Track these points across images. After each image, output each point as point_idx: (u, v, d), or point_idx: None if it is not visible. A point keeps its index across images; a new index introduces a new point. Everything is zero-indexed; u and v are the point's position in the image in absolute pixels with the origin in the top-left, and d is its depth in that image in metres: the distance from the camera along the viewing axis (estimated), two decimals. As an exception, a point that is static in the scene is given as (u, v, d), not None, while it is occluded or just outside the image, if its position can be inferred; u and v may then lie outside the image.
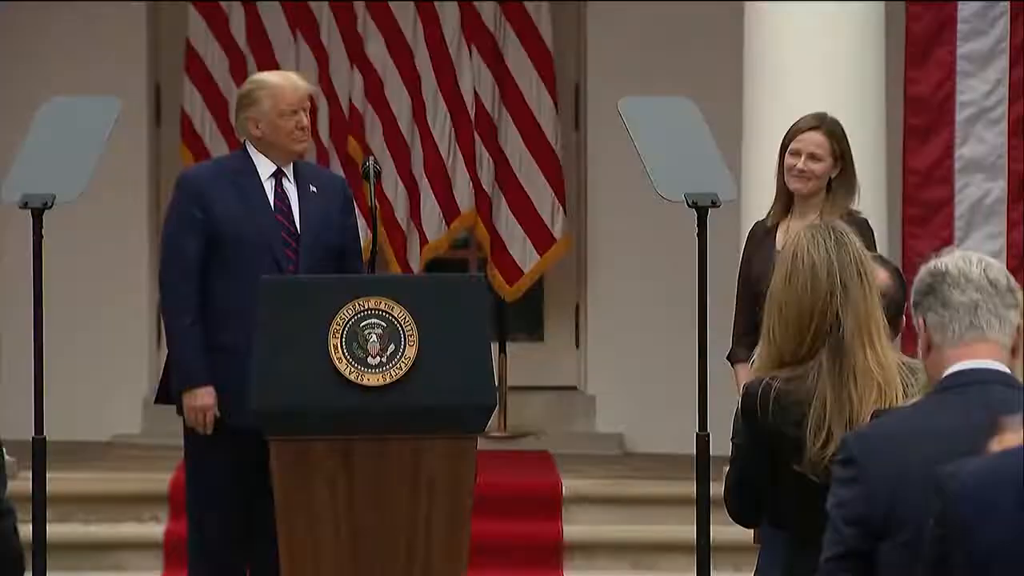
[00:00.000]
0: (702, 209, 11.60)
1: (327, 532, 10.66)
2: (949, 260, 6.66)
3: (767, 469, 7.50)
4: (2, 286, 12.58)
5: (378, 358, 10.64)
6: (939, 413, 6.48)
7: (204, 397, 11.40)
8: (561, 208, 16.04)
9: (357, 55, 16.07)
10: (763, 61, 13.58)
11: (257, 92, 11.76)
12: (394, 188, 15.88)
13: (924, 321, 6.56)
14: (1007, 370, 6.51)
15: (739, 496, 8.06)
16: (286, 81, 11.90)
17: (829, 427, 7.22)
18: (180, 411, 11.60)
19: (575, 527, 14.26)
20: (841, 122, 11.57)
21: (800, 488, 7.23)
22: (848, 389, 7.16)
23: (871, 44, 13.65)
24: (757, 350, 7.71)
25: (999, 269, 6.64)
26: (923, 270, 6.67)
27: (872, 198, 12.01)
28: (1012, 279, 6.71)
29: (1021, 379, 6.62)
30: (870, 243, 10.74)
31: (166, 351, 12.14)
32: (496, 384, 11.47)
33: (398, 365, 10.63)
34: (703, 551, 11.56)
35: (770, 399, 7.40)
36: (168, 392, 11.78)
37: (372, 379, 10.63)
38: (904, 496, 6.44)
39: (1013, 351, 6.55)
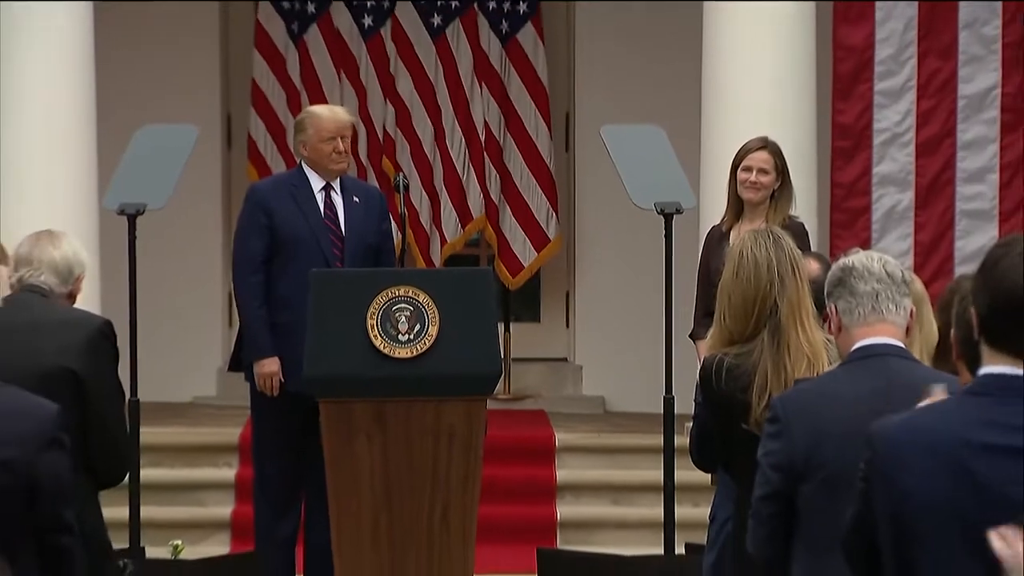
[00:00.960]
0: (668, 215, 11.67)
1: (365, 476, 10.61)
2: (855, 258, 6.79)
3: (721, 427, 7.46)
4: (105, 279, 12.40)
5: (406, 335, 10.61)
6: (848, 380, 6.57)
7: (271, 365, 11.39)
8: (554, 214, 15.99)
9: (389, 91, 16.03)
10: (719, 96, 13.54)
11: (306, 121, 11.78)
12: (419, 198, 15.84)
13: (835, 307, 6.69)
14: (902, 345, 6.62)
15: (699, 447, 8.05)
16: (329, 113, 11.92)
17: (770, 392, 7.20)
18: (247, 377, 11.59)
19: (565, 471, 14.21)
20: (781, 145, 11.55)
21: (748, 441, 7.19)
22: (784, 361, 7.17)
23: (806, 82, 13.63)
24: (710, 331, 7.68)
25: (895, 265, 6.77)
26: (834, 266, 6.85)
27: (806, 206, 11.97)
28: (907, 273, 6.85)
29: (916, 353, 6.81)
30: (805, 243, 10.77)
31: (237, 329, 12.12)
32: (501, 356, 11.34)
33: (423, 341, 10.60)
34: (669, 490, 11.55)
35: (723, 370, 7.39)
36: (239, 362, 11.79)
37: (402, 352, 10.60)
38: (820, 447, 6.50)
39: (907, 330, 6.67)
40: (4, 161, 13.38)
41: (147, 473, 11.76)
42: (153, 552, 11.25)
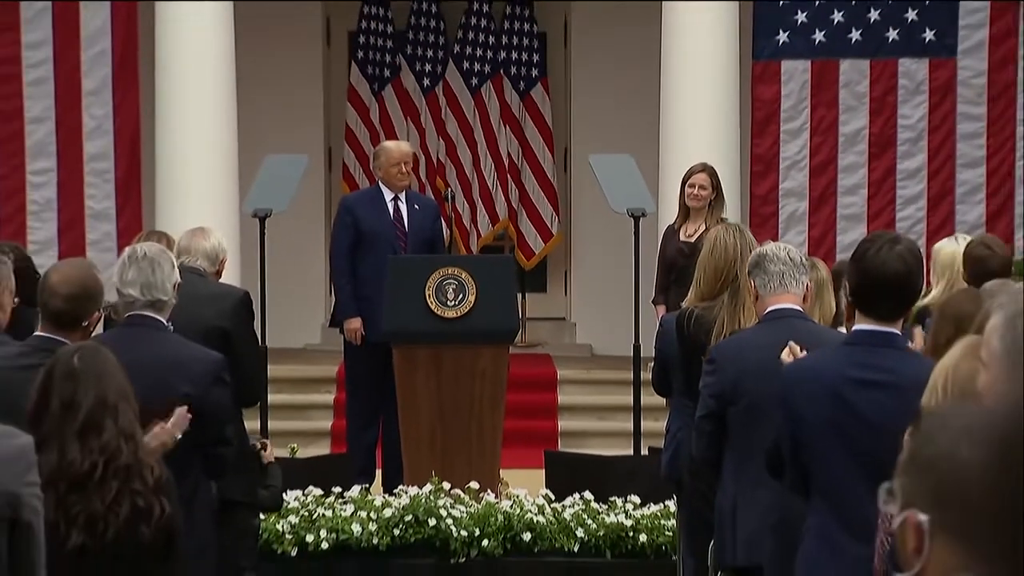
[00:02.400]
0: (636, 217, 11.62)
1: (423, 399, 10.63)
2: (768, 247, 6.74)
3: (687, 360, 7.35)
4: (244, 263, 12.44)
5: (453, 301, 10.63)
6: (763, 333, 6.47)
7: (355, 323, 11.42)
8: (556, 217, 15.96)
9: (441, 131, 16.01)
10: (672, 134, 13.48)
11: (380, 153, 11.85)
12: (461, 206, 15.80)
13: (753, 282, 6.61)
14: (801, 309, 6.54)
15: (657, 380, 8.10)
16: (396, 146, 11.98)
17: (725, 336, 7.08)
18: (341, 331, 11.60)
19: (564, 397, 14.18)
20: (716, 168, 11.58)
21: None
22: (738, 316, 7.03)
23: (733, 125, 13.54)
24: (690, 290, 7.62)
25: (796, 251, 6.69)
26: (753, 253, 6.77)
27: (733, 210, 11.95)
28: (805, 258, 6.76)
29: (816, 319, 6.73)
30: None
31: (334, 299, 12.13)
32: (518, 316, 11.37)
33: (464, 305, 10.61)
34: (636, 410, 11.53)
35: (692, 318, 7.30)
36: (335, 320, 11.82)
37: (449, 313, 10.62)
38: (743, 381, 6.44)
39: (805, 299, 6.57)
40: (162, 172, 13.36)
41: (273, 397, 11.77)
42: (276, 452, 11.31)
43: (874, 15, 14.31)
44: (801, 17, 14.30)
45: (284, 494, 8.82)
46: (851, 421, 5.32)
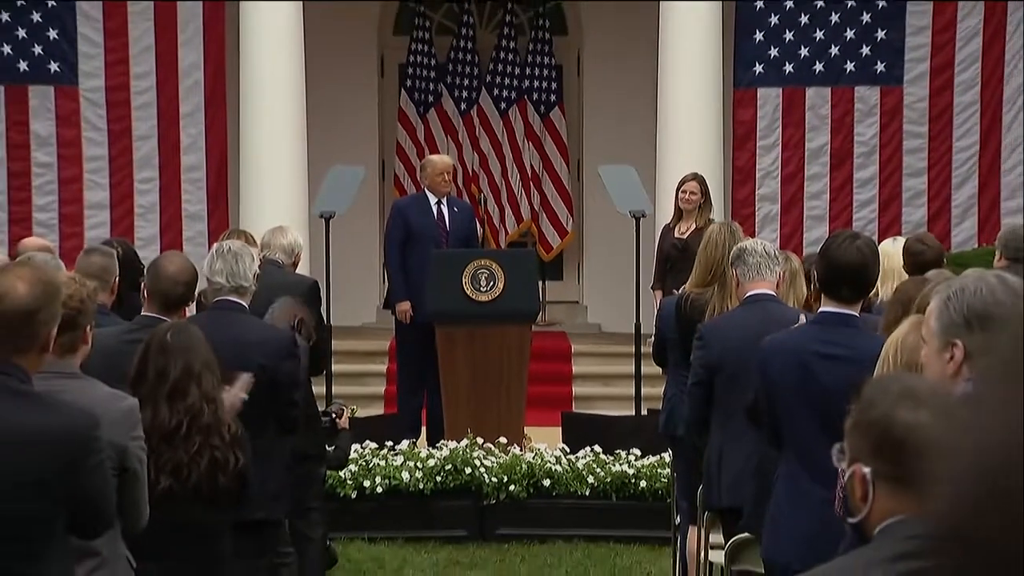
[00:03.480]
0: (637, 217, 11.63)
1: (461, 370, 10.62)
2: (747, 242, 6.73)
3: (683, 337, 7.26)
4: (313, 257, 12.44)
5: (485, 288, 10.60)
6: (743, 315, 6.46)
7: (405, 305, 11.35)
8: (571, 217, 15.93)
9: (476, 146, 15.99)
10: (668, 148, 13.46)
11: (427, 165, 11.80)
12: (493, 208, 15.80)
13: (736, 271, 6.58)
14: (775, 294, 6.50)
15: (656, 352, 8.07)
16: (439, 159, 11.93)
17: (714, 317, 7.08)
18: (393, 312, 11.55)
19: (577, 367, 14.19)
20: (705, 176, 11.55)
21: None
22: (726, 301, 6.97)
23: (717, 141, 13.54)
24: (690, 278, 7.54)
25: (771, 246, 6.67)
26: (735, 247, 6.71)
27: (718, 212, 11.86)
28: (779, 252, 6.72)
29: (790, 303, 6.68)
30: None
31: (387, 285, 12.12)
32: (539, 299, 11.36)
33: (494, 291, 10.59)
34: (637, 378, 11.52)
35: (689, 301, 7.29)
36: (388, 303, 11.81)
37: (482, 297, 10.60)
38: (726, 354, 6.43)
39: (778, 286, 6.53)
40: (245, 180, 13.37)
41: (336, 367, 11.73)
42: (339, 413, 11.38)
43: (834, 50, 14.33)
44: (774, 52, 14.33)
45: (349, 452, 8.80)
46: (815, 387, 5.31)
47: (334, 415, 7.73)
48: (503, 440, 10.26)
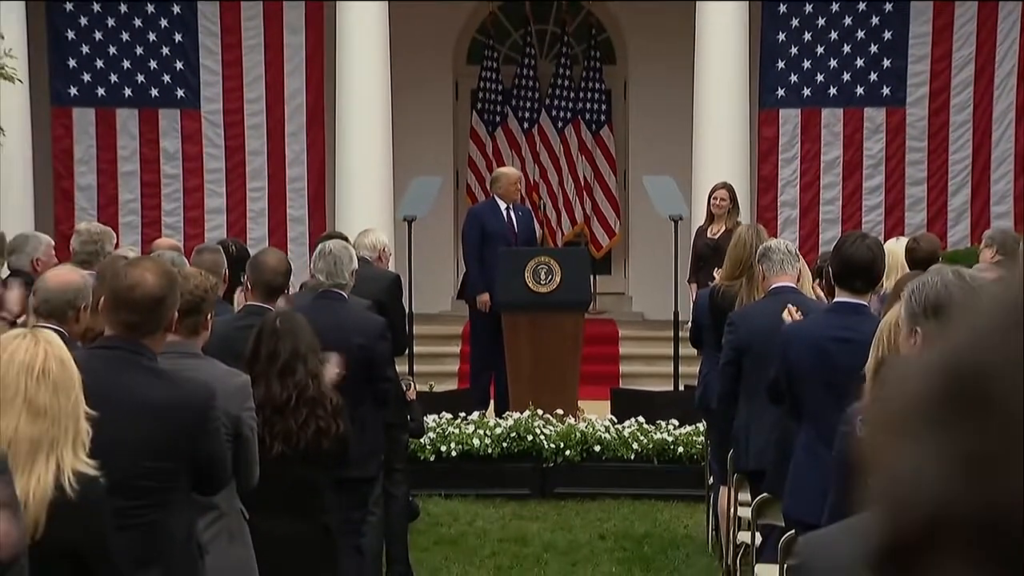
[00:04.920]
0: (675, 221, 11.57)
1: (524, 351, 10.61)
2: (771, 242, 6.70)
3: (716, 323, 7.17)
4: (397, 255, 12.49)
5: (545, 280, 10.58)
6: (767, 304, 6.38)
7: (485, 296, 11.21)
8: (618, 220, 15.91)
9: (537, 159, 16.00)
10: (702, 162, 13.40)
11: (500, 176, 11.74)
12: (551, 213, 15.78)
13: (761, 267, 6.55)
14: (795, 286, 6.45)
15: (693, 335, 8.06)
16: (511, 171, 11.95)
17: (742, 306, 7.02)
18: (467, 301, 11.53)
19: (624, 349, 14.15)
20: (734, 185, 11.49)
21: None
22: (753, 293, 6.92)
23: (745, 154, 13.48)
24: (719, 273, 7.46)
25: (791, 245, 6.67)
26: (761, 246, 6.67)
27: (744, 216, 11.79)
28: (797, 250, 6.69)
29: (806, 292, 6.64)
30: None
31: (461, 277, 12.12)
32: (591, 291, 11.34)
33: (552, 284, 10.57)
34: (676, 358, 11.47)
35: (720, 292, 7.21)
36: (462, 295, 11.79)
37: (542, 289, 10.58)
38: (753, 338, 6.38)
39: (798, 279, 6.50)
40: (341, 189, 13.41)
41: (417, 348, 11.74)
42: (420, 387, 11.36)
43: (846, 76, 14.27)
44: (794, 78, 14.27)
45: (425, 421, 8.81)
46: (830, 367, 5.28)
47: (403, 388, 7.76)
48: (560, 412, 10.24)
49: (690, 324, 8.02)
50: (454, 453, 9.95)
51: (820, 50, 14.24)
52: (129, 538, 3.65)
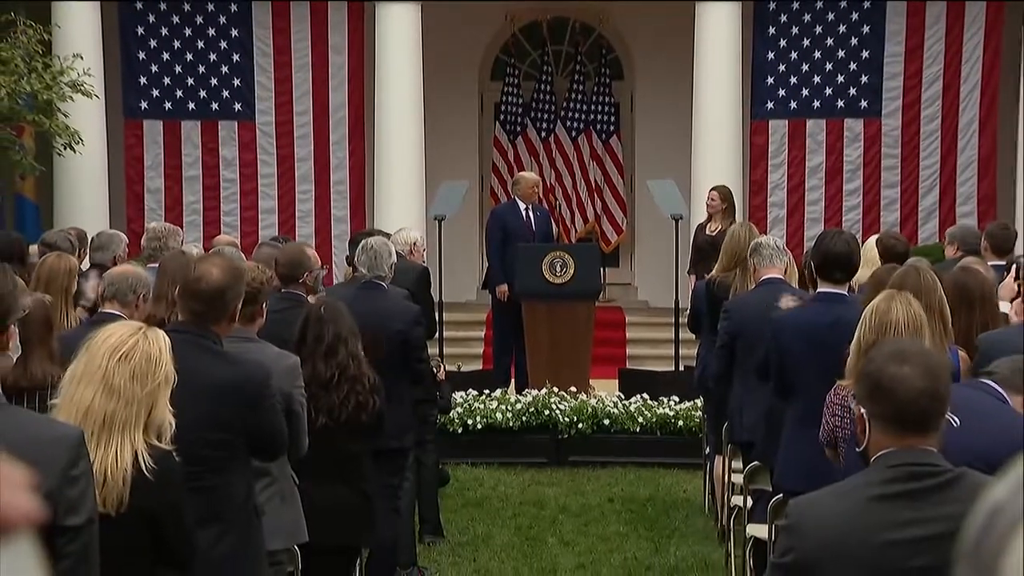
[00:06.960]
0: (676, 219, 11.54)
1: (542, 336, 10.61)
2: (762, 238, 6.67)
3: (711, 311, 7.12)
4: (429, 249, 12.47)
5: (560, 272, 10.56)
6: (758, 294, 6.36)
7: (504, 287, 11.16)
8: (625, 219, 15.84)
9: (552, 165, 15.90)
10: (700, 167, 13.36)
11: (521, 180, 11.68)
12: (566, 213, 15.72)
13: (752, 260, 6.50)
14: (783, 278, 6.43)
15: (691, 321, 8.00)
16: (531, 176, 11.91)
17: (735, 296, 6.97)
18: (490, 292, 11.47)
19: (630, 334, 14.11)
20: (729, 187, 11.44)
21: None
22: (746, 284, 6.88)
23: (737, 161, 13.46)
24: (715, 265, 7.37)
25: (780, 241, 6.64)
26: (752, 242, 6.65)
27: (737, 216, 11.73)
28: (784, 246, 6.65)
29: (792, 283, 6.61)
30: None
31: (484, 270, 12.05)
32: (601, 281, 11.31)
33: (566, 275, 10.55)
34: (676, 342, 11.44)
35: (716, 284, 7.18)
36: (486, 285, 11.75)
37: (558, 280, 10.56)
38: (746, 324, 6.35)
39: (785, 272, 6.47)
40: (379, 192, 13.42)
41: (446, 333, 11.74)
42: (449, 368, 11.35)
43: (828, 91, 14.23)
44: (782, 92, 14.22)
45: (452, 398, 8.80)
46: (817, 349, 5.26)
47: (433, 369, 7.78)
48: (573, 389, 10.24)
49: (689, 311, 8.00)
50: (479, 426, 9.96)
51: (805, 67, 14.22)
52: (194, 501, 3.67)
